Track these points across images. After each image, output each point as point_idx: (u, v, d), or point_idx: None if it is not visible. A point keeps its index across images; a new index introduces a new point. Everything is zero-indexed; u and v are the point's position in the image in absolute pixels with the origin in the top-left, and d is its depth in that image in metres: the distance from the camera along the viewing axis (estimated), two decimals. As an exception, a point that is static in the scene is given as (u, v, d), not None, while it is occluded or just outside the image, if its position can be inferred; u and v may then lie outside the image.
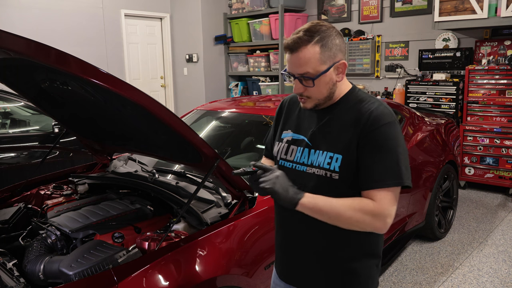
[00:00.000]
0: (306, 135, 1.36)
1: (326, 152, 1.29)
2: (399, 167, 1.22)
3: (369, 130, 1.23)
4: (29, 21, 5.54)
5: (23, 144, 3.90)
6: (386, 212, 1.21)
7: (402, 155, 1.23)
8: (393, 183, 1.22)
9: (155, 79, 7.32)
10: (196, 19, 6.84)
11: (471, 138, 4.72)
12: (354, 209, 1.21)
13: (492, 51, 4.89)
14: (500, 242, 3.56)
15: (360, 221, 1.22)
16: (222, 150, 2.86)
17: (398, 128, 1.26)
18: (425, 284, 2.95)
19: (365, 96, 1.33)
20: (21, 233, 2.11)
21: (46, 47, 1.35)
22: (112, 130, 2.20)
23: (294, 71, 1.27)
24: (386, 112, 1.26)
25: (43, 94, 2.00)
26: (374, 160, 1.22)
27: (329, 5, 6.32)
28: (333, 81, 1.29)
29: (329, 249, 1.34)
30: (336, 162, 1.26)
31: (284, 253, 1.47)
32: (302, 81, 1.27)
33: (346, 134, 1.27)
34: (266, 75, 6.82)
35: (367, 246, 1.35)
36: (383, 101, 1.49)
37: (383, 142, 1.22)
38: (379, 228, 1.24)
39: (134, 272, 1.53)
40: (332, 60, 1.26)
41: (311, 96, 1.29)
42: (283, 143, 1.42)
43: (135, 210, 2.14)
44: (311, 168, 1.31)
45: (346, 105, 1.32)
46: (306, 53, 1.23)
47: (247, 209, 2.02)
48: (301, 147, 1.36)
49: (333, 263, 1.35)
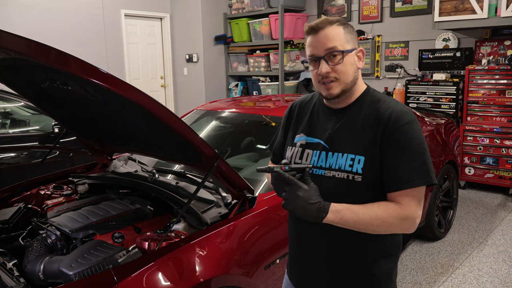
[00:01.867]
0: (322, 138, 1.32)
1: (347, 154, 1.25)
2: (427, 165, 1.21)
3: (392, 130, 1.21)
4: (29, 21, 5.54)
5: (23, 144, 3.90)
6: (415, 214, 1.21)
7: (427, 153, 1.22)
8: (422, 182, 1.20)
9: (155, 79, 7.32)
10: (196, 19, 6.84)
11: (471, 138, 4.71)
12: (382, 219, 1.19)
13: (492, 51, 4.89)
14: (500, 242, 3.56)
15: (390, 227, 1.21)
16: (222, 150, 2.86)
17: (419, 126, 1.25)
18: (425, 284, 2.95)
19: (381, 96, 1.32)
20: (21, 233, 2.11)
21: (46, 47, 1.35)
22: (112, 130, 2.20)
23: (321, 49, 1.24)
24: (406, 111, 1.25)
25: (43, 94, 2.00)
26: (400, 160, 1.20)
27: (329, 5, 6.32)
28: (356, 65, 1.29)
29: (346, 254, 1.31)
30: (358, 164, 1.23)
31: (300, 260, 1.43)
32: (328, 61, 1.24)
33: (367, 135, 1.24)
34: (266, 75, 6.81)
35: (383, 248, 1.32)
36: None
37: (407, 142, 1.20)
38: (409, 230, 1.23)
39: (134, 272, 1.53)
40: (354, 44, 1.28)
41: (339, 76, 1.25)
42: (297, 147, 1.38)
43: (135, 210, 2.14)
44: (330, 172, 1.28)
45: (363, 105, 1.30)
46: (331, 30, 1.24)
47: (247, 209, 2.02)
48: (318, 150, 1.32)
49: (351, 269, 1.32)
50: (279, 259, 2.04)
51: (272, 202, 2.11)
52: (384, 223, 1.20)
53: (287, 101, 3.53)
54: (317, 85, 1.30)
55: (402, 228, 1.22)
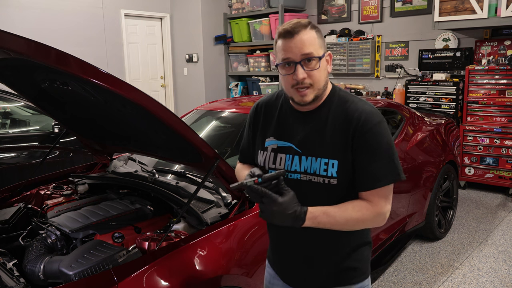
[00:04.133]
0: (293, 142, 1.32)
1: (320, 158, 1.26)
2: (395, 163, 1.26)
3: (362, 132, 1.24)
4: (29, 21, 5.54)
5: (23, 144, 3.90)
6: (386, 209, 1.28)
7: (394, 151, 1.27)
8: (391, 180, 1.26)
9: (155, 79, 7.32)
10: (196, 19, 6.84)
11: (471, 138, 4.71)
12: (357, 219, 1.26)
13: (492, 51, 4.89)
14: (500, 242, 3.56)
15: (363, 224, 1.30)
16: (222, 150, 2.86)
17: (387, 125, 1.29)
18: (425, 284, 2.95)
19: (348, 96, 1.32)
20: (21, 233, 2.11)
21: (46, 47, 1.35)
22: (112, 130, 2.20)
23: (297, 54, 1.22)
24: (374, 112, 1.27)
25: (43, 94, 2.00)
26: (370, 160, 1.24)
27: (329, 5, 6.32)
28: (327, 69, 1.29)
29: (321, 248, 1.36)
30: (332, 167, 1.25)
31: (280, 256, 1.47)
32: (303, 66, 1.23)
33: (338, 138, 1.26)
34: (266, 75, 6.82)
35: (359, 238, 1.38)
36: (375, 101, 1.49)
37: (378, 143, 1.24)
38: (380, 224, 1.30)
39: (134, 272, 1.53)
40: (324, 48, 1.28)
41: (314, 82, 1.24)
42: (268, 152, 1.36)
43: (135, 210, 2.14)
44: (305, 176, 1.28)
45: (331, 106, 1.30)
46: (307, 35, 1.23)
47: (247, 209, 2.02)
48: (290, 154, 1.31)
49: (327, 261, 1.37)
50: (279, 259, 2.04)
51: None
52: (358, 222, 1.27)
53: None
54: (290, 90, 1.28)
55: (374, 224, 1.30)
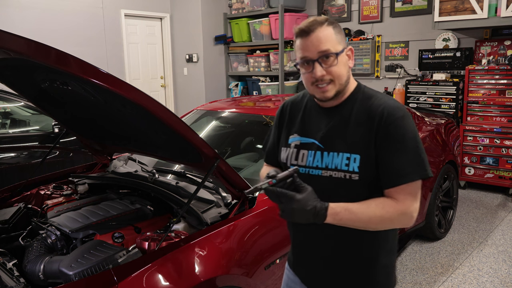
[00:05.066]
0: (316, 138, 1.32)
1: (342, 153, 1.25)
2: (421, 158, 1.21)
3: (385, 126, 1.21)
4: (29, 21, 5.54)
5: (23, 144, 3.90)
6: (412, 208, 1.21)
7: (420, 146, 1.22)
8: (418, 176, 1.20)
9: (155, 79, 7.32)
10: (196, 19, 6.84)
11: (471, 138, 4.71)
12: (381, 216, 1.20)
13: (492, 51, 4.89)
14: (500, 242, 3.56)
15: (388, 223, 1.23)
16: (222, 150, 2.86)
17: (412, 120, 1.25)
18: (425, 284, 2.95)
19: (373, 92, 1.32)
20: (21, 233, 2.11)
21: (46, 47, 1.35)
22: (112, 130, 2.20)
23: (314, 52, 1.23)
24: (398, 106, 1.25)
25: (43, 94, 2.00)
26: (394, 155, 1.20)
27: (329, 5, 6.32)
28: (348, 64, 1.28)
29: (345, 251, 1.32)
30: (354, 162, 1.22)
31: (301, 258, 1.44)
32: (322, 63, 1.23)
33: (360, 133, 1.24)
34: (266, 75, 6.82)
35: (381, 242, 1.33)
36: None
37: (401, 136, 1.20)
38: (407, 224, 1.24)
39: (134, 272, 1.53)
40: (344, 43, 1.27)
41: (334, 78, 1.24)
42: (291, 148, 1.37)
43: (135, 210, 2.14)
44: (326, 171, 1.27)
45: (355, 102, 1.30)
46: (323, 32, 1.23)
47: (247, 209, 2.02)
48: (312, 150, 1.31)
49: (352, 265, 1.33)
50: (279, 259, 2.04)
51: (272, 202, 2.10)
52: (382, 220, 1.21)
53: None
54: (311, 87, 1.29)
55: (400, 223, 1.23)
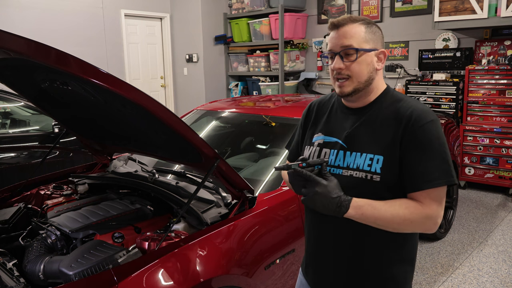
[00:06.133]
0: (340, 137, 1.31)
1: (366, 154, 1.24)
2: (448, 164, 1.19)
3: (413, 129, 1.19)
4: (29, 21, 5.54)
5: (23, 144, 3.90)
6: (437, 213, 1.19)
7: (448, 152, 1.21)
8: (444, 181, 1.18)
9: (155, 79, 7.32)
10: (196, 19, 6.84)
11: (471, 138, 4.72)
12: (404, 216, 1.18)
13: (492, 51, 4.89)
14: (500, 242, 3.56)
15: (411, 225, 1.20)
16: (222, 150, 2.86)
17: (440, 126, 1.24)
18: (425, 284, 2.95)
19: (402, 96, 1.30)
20: (21, 233, 2.10)
21: (46, 47, 1.34)
22: (112, 130, 2.20)
23: (337, 45, 1.25)
24: (427, 110, 1.24)
25: (43, 94, 2.00)
26: (421, 159, 1.18)
27: (329, 5, 6.32)
28: (373, 66, 1.27)
29: (363, 255, 1.29)
30: (377, 163, 1.21)
31: (315, 261, 1.42)
32: (343, 58, 1.25)
33: (386, 134, 1.23)
34: (266, 75, 6.82)
35: (401, 250, 1.30)
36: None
37: (429, 141, 1.18)
38: (430, 230, 1.21)
39: (134, 272, 1.53)
40: (374, 44, 1.27)
41: (351, 74, 1.25)
42: (315, 146, 1.37)
43: (135, 210, 2.14)
44: (347, 171, 1.26)
45: (382, 104, 1.29)
46: (352, 28, 1.25)
47: (247, 209, 2.02)
48: (335, 149, 1.31)
49: (368, 270, 1.30)
50: (279, 259, 2.04)
51: (272, 202, 2.11)
52: (405, 221, 1.18)
53: (287, 101, 3.53)
54: (332, 81, 1.31)
55: (424, 227, 1.21)
